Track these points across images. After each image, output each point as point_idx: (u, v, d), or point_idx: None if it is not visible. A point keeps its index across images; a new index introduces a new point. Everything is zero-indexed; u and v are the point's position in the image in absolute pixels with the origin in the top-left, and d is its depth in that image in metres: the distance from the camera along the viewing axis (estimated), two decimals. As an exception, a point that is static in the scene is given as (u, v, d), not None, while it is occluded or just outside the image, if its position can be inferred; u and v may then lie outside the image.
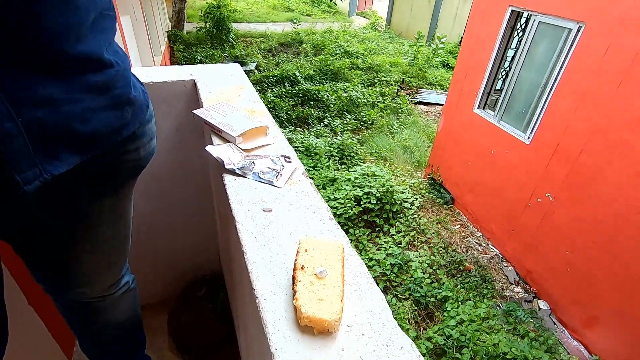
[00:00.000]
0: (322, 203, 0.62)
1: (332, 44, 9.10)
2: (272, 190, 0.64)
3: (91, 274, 0.80)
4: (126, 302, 0.97)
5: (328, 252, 0.48)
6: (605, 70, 2.70)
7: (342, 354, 0.39)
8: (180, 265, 1.47)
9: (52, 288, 0.85)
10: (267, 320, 0.42)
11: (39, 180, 0.48)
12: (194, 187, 1.30)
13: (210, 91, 1.01)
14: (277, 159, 0.71)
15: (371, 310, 0.44)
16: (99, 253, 0.76)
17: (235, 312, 1.19)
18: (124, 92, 0.59)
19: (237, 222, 0.56)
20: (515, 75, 3.54)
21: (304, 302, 0.41)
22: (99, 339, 1.00)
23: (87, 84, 0.52)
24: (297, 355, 0.39)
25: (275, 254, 0.51)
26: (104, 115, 0.55)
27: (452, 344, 2.98)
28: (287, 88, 6.73)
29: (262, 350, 0.45)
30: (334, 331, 0.41)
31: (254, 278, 0.47)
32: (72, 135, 0.51)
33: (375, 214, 4.18)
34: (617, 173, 2.68)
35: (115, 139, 0.59)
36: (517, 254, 3.82)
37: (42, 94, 0.46)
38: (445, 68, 9.02)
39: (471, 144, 4.20)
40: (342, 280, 0.45)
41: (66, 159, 0.51)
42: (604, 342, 3.02)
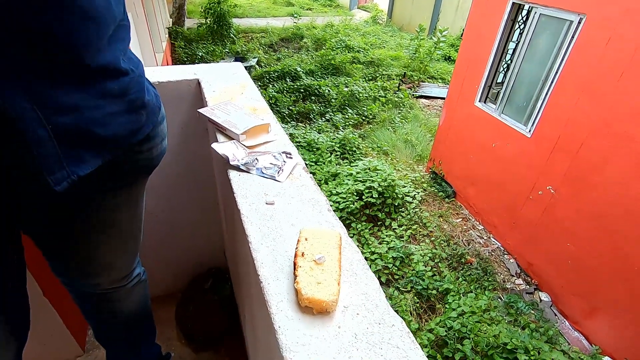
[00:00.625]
0: (322, 196, 0.66)
1: (333, 38, 9.08)
2: (275, 184, 0.68)
3: (107, 265, 0.84)
4: (138, 293, 1.01)
5: (326, 240, 0.52)
6: (607, 62, 2.70)
7: (338, 331, 0.43)
8: (186, 259, 1.52)
9: (70, 279, 0.90)
10: (271, 302, 0.46)
11: (67, 181, 0.53)
12: (200, 184, 1.34)
13: (214, 90, 1.04)
14: (279, 155, 0.74)
15: (366, 292, 0.48)
16: (114, 244, 0.80)
17: (240, 302, 1.24)
18: (138, 97, 0.63)
19: (242, 214, 0.60)
20: (517, 68, 3.54)
21: (304, 285, 0.45)
22: (112, 328, 1.06)
23: (105, 91, 0.56)
24: (298, 332, 0.43)
25: (278, 243, 0.55)
26: (121, 119, 0.59)
27: (453, 335, 3.03)
28: (288, 83, 6.75)
29: (267, 330, 0.49)
30: (332, 311, 0.45)
31: (258, 265, 0.51)
32: (94, 138, 0.55)
33: (377, 208, 4.22)
34: (618, 165, 2.70)
35: (132, 141, 0.64)
36: (518, 246, 3.85)
37: (67, 102, 0.50)
38: (447, 61, 8.98)
39: (472, 137, 4.21)
40: (339, 266, 0.49)
41: (90, 160, 0.56)
42: (604, 332, 3.06)
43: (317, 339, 0.42)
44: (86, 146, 0.55)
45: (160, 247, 1.43)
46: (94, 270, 0.85)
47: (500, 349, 2.73)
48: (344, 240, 0.55)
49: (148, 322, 1.14)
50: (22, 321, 0.74)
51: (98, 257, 0.82)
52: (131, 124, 0.62)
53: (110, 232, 0.78)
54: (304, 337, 0.43)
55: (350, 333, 0.43)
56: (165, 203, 1.33)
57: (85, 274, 0.85)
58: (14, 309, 0.71)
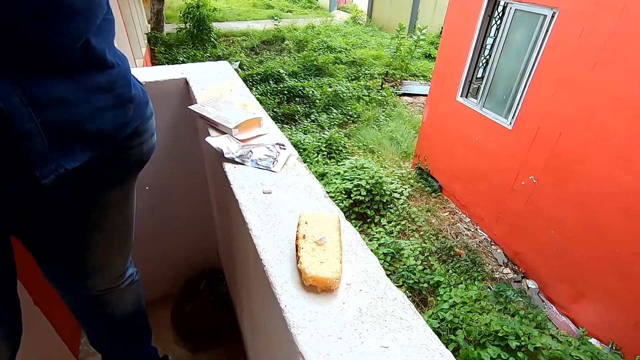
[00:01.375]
0: (317, 184, 0.67)
1: (315, 39, 9.12)
2: (270, 174, 0.69)
3: (100, 265, 0.84)
4: (132, 294, 1.00)
5: (326, 223, 0.53)
6: (580, 53, 2.81)
7: (343, 306, 0.45)
8: (180, 260, 1.51)
9: (63, 283, 0.89)
10: (275, 283, 0.47)
11: (54, 174, 0.53)
12: (190, 184, 1.33)
13: (202, 88, 1.04)
14: (273, 146, 0.75)
15: (366, 270, 0.50)
16: (107, 244, 0.80)
17: (237, 300, 1.24)
18: (125, 91, 0.63)
19: (241, 204, 0.61)
20: (495, 62, 3.64)
21: (308, 265, 0.46)
22: (108, 331, 1.04)
23: (93, 85, 0.56)
24: (304, 310, 0.44)
25: (278, 229, 0.56)
26: (109, 114, 0.59)
27: (446, 326, 3.08)
28: (272, 85, 6.74)
29: (273, 313, 0.50)
30: (335, 288, 0.47)
31: (260, 250, 0.52)
32: (82, 133, 0.55)
33: (366, 206, 4.25)
34: (596, 153, 2.80)
35: (120, 135, 0.64)
36: (505, 236, 3.95)
37: (55, 96, 0.50)
38: (427, 59, 9.14)
39: (456, 132, 4.30)
40: (339, 246, 0.50)
41: (78, 154, 0.56)
42: (590, 315, 3.17)
43: (323, 314, 0.44)
44: (74, 140, 0.55)
45: (151, 250, 1.41)
46: (87, 272, 0.84)
47: (492, 336, 2.79)
48: (342, 224, 0.57)
49: (143, 323, 1.13)
50: (15, 323, 0.73)
51: (91, 258, 0.81)
52: (118, 119, 0.62)
53: (102, 231, 0.77)
54: (310, 314, 0.44)
55: (354, 308, 0.45)
56: (156, 205, 1.32)
57: (79, 275, 0.84)
58: (6, 310, 0.70)
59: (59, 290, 0.94)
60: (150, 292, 1.52)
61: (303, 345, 0.40)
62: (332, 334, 0.42)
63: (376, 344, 0.41)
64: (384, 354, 0.40)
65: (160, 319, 1.46)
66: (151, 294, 1.53)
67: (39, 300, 1.12)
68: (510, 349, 2.61)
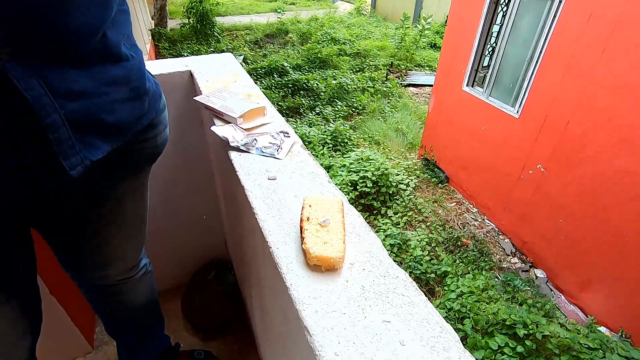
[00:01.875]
0: (321, 170, 0.68)
1: (318, 31, 9.06)
2: (275, 161, 0.71)
3: (115, 256, 0.86)
4: (145, 284, 1.03)
5: (329, 206, 0.55)
6: (588, 39, 2.76)
7: (346, 284, 0.46)
8: (188, 252, 1.54)
9: (79, 273, 0.91)
10: (281, 263, 0.49)
11: (81, 166, 0.54)
12: (197, 176, 1.35)
13: (207, 80, 1.06)
14: (277, 134, 0.77)
15: (370, 251, 0.51)
16: (122, 235, 0.82)
17: (246, 289, 1.27)
18: (140, 84, 0.64)
19: (246, 190, 0.62)
20: (502, 50, 3.59)
21: (312, 245, 0.48)
22: (122, 320, 1.07)
23: (109, 78, 0.56)
24: (309, 288, 0.46)
25: (283, 213, 0.58)
26: (126, 106, 0.60)
27: (453, 315, 3.10)
28: (276, 79, 6.73)
29: (279, 292, 0.51)
30: (339, 267, 0.48)
31: (266, 233, 0.54)
32: (101, 124, 0.56)
33: (372, 197, 4.26)
34: (603, 139, 2.77)
35: (136, 128, 0.65)
36: (512, 226, 3.93)
37: (76, 88, 0.51)
38: (433, 49, 9.03)
39: (462, 122, 4.27)
40: (343, 228, 0.52)
41: (101, 146, 0.57)
42: (599, 303, 3.16)
43: (327, 292, 0.45)
44: (95, 132, 0.56)
45: (161, 242, 1.44)
46: (102, 262, 0.86)
47: (499, 325, 2.80)
48: (345, 207, 0.58)
49: (156, 312, 1.16)
50: (36, 310, 0.76)
51: (106, 248, 0.83)
52: (135, 111, 0.63)
53: (118, 222, 0.79)
54: (314, 292, 0.45)
55: (358, 285, 0.46)
56: (164, 196, 1.34)
57: (94, 266, 0.87)
58: (29, 298, 0.72)
59: (75, 280, 0.97)
60: (160, 284, 1.56)
61: (308, 320, 0.42)
62: (336, 310, 0.43)
63: (379, 318, 0.42)
64: (386, 327, 0.41)
65: (170, 309, 1.50)
66: (160, 285, 1.56)
67: (55, 290, 1.16)
68: (518, 338, 2.62)
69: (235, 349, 1.39)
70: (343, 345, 0.39)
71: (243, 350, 1.38)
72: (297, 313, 0.43)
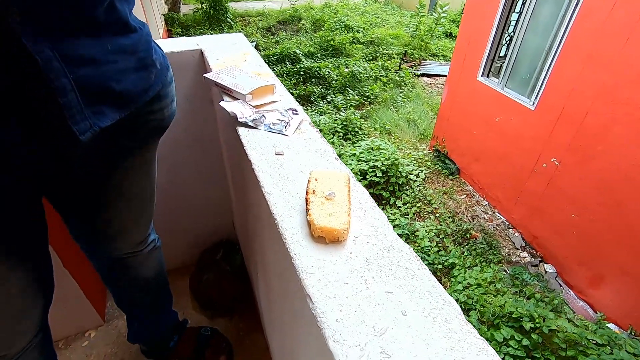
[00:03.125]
0: (329, 147, 0.68)
1: (332, 18, 8.93)
2: (283, 138, 0.70)
3: (125, 228, 0.88)
4: (154, 260, 1.06)
5: (335, 180, 0.54)
6: (611, 28, 2.66)
7: (350, 256, 0.46)
8: (197, 231, 1.56)
9: (87, 244, 0.94)
10: (286, 235, 0.49)
11: (90, 132, 0.55)
12: (206, 155, 1.36)
13: (217, 58, 1.05)
14: (285, 112, 0.76)
15: (374, 225, 0.51)
16: (128, 207, 0.84)
17: (252, 268, 1.28)
18: (147, 55, 0.64)
19: (253, 164, 0.62)
20: (520, 39, 3.49)
21: (316, 217, 0.48)
22: (132, 293, 1.10)
23: (117, 47, 0.57)
24: (312, 258, 0.46)
25: (289, 187, 0.58)
26: (133, 76, 0.61)
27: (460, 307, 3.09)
28: (288, 66, 6.69)
29: (284, 262, 0.52)
30: (343, 240, 0.48)
31: (271, 205, 0.54)
32: (108, 92, 0.57)
33: (382, 187, 4.24)
34: (622, 133, 2.68)
35: (143, 98, 0.65)
36: (523, 220, 3.88)
37: (85, 54, 0.52)
38: (448, 38, 8.83)
39: (476, 113, 4.19)
40: (348, 201, 0.51)
41: (109, 114, 0.58)
42: (609, 300, 3.11)
43: (330, 262, 0.45)
44: (103, 100, 0.56)
45: (170, 220, 1.46)
46: (110, 235, 0.88)
47: (505, 318, 2.78)
48: (352, 183, 0.58)
49: (165, 288, 1.19)
50: (46, 279, 0.78)
51: (113, 221, 0.85)
52: (142, 81, 0.63)
53: (124, 195, 0.81)
54: (318, 262, 0.45)
55: (361, 257, 0.46)
56: (174, 175, 1.36)
57: (102, 238, 0.88)
58: (41, 266, 0.74)
59: (85, 252, 1.00)
60: (169, 262, 1.59)
61: (311, 289, 0.42)
62: (339, 280, 0.43)
63: (381, 289, 0.42)
64: (388, 298, 0.41)
65: (178, 287, 1.53)
66: (170, 263, 1.59)
67: (67, 263, 1.19)
68: (524, 331, 2.60)
69: (242, 327, 1.42)
70: (344, 313, 0.39)
71: (249, 330, 1.41)
72: (300, 282, 0.43)
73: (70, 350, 1.33)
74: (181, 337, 1.27)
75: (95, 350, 1.33)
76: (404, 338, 0.37)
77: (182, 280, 1.56)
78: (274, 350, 1.10)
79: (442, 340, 0.37)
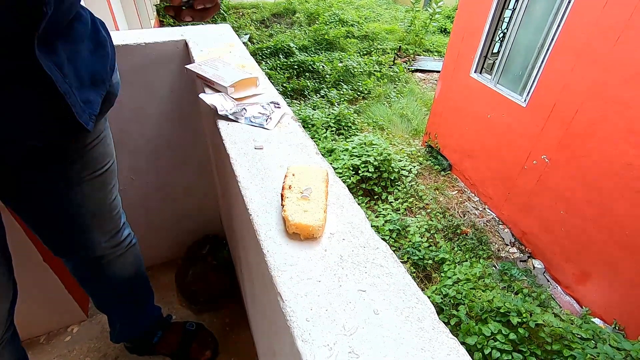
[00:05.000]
0: (310, 141, 0.66)
1: (326, 12, 8.85)
2: (263, 132, 0.69)
3: (92, 219, 0.84)
4: (131, 257, 1.03)
5: (313, 175, 0.53)
6: (604, 25, 2.66)
7: (324, 253, 0.45)
8: (184, 226, 1.54)
9: (62, 249, 0.91)
10: (260, 231, 0.48)
11: (92, 121, 0.61)
12: (192, 148, 1.34)
13: (201, 49, 1.03)
14: (267, 105, 0.74)
15: (351, 222, 0.50)
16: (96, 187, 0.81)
17: (238, 263, 1.27)
18: (99, 35, 0.66)
19: (231, 158, 0.61)
20: (513, 36, 3.49)
21: (291, 213, 0.47)
22: (110, 294, 1.08)
23: (79, 35, 0.60)
24: (286, 255, 0.45)
25: (267, 182, 0.56)
26: (94, 57, 0.64)
27: (449, 302, 3.12)
28: (281, 60, 6.63)
29: (258, 260, 0.51)
30: (318, 237, 0.47)
31: (247, 200, 0.53)
32: (87, 80, 0.61)
33: (374, 182, 4.24)
34: (611, 131, 2.71)
35: (110, 74, 0.68)
36: (513, 216, 3.91)
37: (64, 55, 0.56)
38: (442, 33, 8.81)
39: (468, 109, 4.20)
40: (325, 197, 0.50)
41: (95, 100, 0.63)
42: (595, 295, 3.16)
43: (304, 260, 0.44)
44: (87, 89, 0.61)
45: (156, 216, 1.44)
46: (84, 225, 0.84)
47: (493, 312, 2.82)
48: (331, 178, 0.56)
49: (144, 285, 1.16)
50: (9, 275, 0.76)
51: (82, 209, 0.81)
52: (103, 60, 0.66)
53: (89, 178, 0.78)
54: (291, 259, 0.44)
55: (336, 255, 0.45)
56: (157, 169, 1.33)
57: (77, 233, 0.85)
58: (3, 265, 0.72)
59: (61, 257, 0.97)
60: (155, 257, 1.57)
61: (282, 286, 0.41)
62: (312, 277, 0.42)
63: (354, 287, 0.41)
64: (361, 296, 0.40)
65: (164, 282, 1.51)
66: (156, 258, 1.58)
67: (47, 257, 1.16)
68: (511, 325, 2.63)
69: (228, 322, 1.41)
70: (315, 312, 0.38)
71: (235, 325, 1.40)
72: (272, 279, 0.42)
73: (51, 345, 1.31)
74: (165, 332, 1.25)
75: (78, 346, 1.31)
76: (375, 338, 0.36)
77: (169, 276, 1.54)
78: (259, 346, 1.09)
79: (414, 339, 0.36)
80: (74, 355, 1.29)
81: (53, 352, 1.29)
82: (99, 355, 1.29)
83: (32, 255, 1.14)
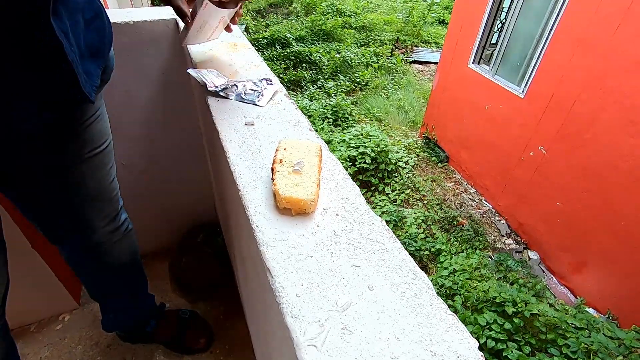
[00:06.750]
0: (303, 118, 0.64)
1: (324, 2, 8.74)
2: (255, 108, 0.66)
3: (92, 201, 0.82)
4: (126, 244, 1.00)
5: (306, 150, 0.51)
6: (603, 14, 2.63)
7: (317, 229, 0.43)
8: (178, 214, 1.52)
9: (59, 234, 0.88)
10: (249, 206, 0.45)
11: (94, 92, 0.62)
12: (185, 132, 1.31)
13: (192, 28, 0.99)
14: (259, 81, 0.72)
15: (346, 197, 0.48)
16: (95, 166, 0.78)
17: (231, 249, 1.25)
18: (93, 4, 0.64)
19: (221, 134, 0.58)
20: (511, 26, 3.46)
21: (282, 187, 0.44)
22: (104, 282, 1.05)
23: (76, 3, 0.59)
24: (276, 230, 0.42)
25: (257, 158, 0.54)
26: (91, 27, 0.63)
27: (445, 292, 3.13)
28: (278, 50, 6.55)
29: (247, 236, 0.48)
30: (310, 212, 0.44)
31: (236, 176, 0.50)
32: (86, 51, 0.61)
33: (370, 174, 4.22)
34: (609, 121, 2.69)
35: (108, 46, 0.68)
36: (509, 207, 3.91)
37: (65, 28, 0.55)
38: (440, 25, 8.74)
39: (466, 100, 4.17)
40: (318, 172, 0.48)
41: (95, 72, 0.63)
42: (589, 285, 3.18)
43: (295, 235, 0.42)
44: (87, 60, 0.61)
45: (150, 203, 1.41)
46: (83, 207, 0.82)
47: (489, 302, 2.83)
48: (324, 154, 0.54)
49: (139, 273, 1.14)
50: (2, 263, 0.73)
51: (80, 191, 0.78)
52: (100, 31, 0.65)
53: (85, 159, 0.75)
54: (281, 234, 0.42)
55: (329, 230, 0.43)
56: (151, 155, 1.30)
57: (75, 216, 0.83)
58: None
59: (56, 244, 0.94)
60: (149, 245, 1.54)
61: (271, 262, 0.39)
62: (303, 253, 0.40)
63: (348, 263, 0.39)
64: (355, 272, 0.38)
65: (158, 271, 1.49)
66: (150, 246, 1.55)
67: (36, 244, 1.14)
68: (506, 315, 2.64)
69: (222, 311, 1.39)
70: (306, 287, 0.36)
71: (230, 313, 1.38)
72: (261, 254, 0.40)
73: (42, 334, 1.29)
74: (159, 321, 1.23)
75: (70, 334, 1.29)
76: (369, 314, 0.34)
77: (163, 264, 1.52)
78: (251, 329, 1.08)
79: (410, 316, 0.34)
80: (65, 344, 1.27)
81: (44, 341, 1.27)
82: (90, 343, 1.27)
83: (20, 242, 1.11)
